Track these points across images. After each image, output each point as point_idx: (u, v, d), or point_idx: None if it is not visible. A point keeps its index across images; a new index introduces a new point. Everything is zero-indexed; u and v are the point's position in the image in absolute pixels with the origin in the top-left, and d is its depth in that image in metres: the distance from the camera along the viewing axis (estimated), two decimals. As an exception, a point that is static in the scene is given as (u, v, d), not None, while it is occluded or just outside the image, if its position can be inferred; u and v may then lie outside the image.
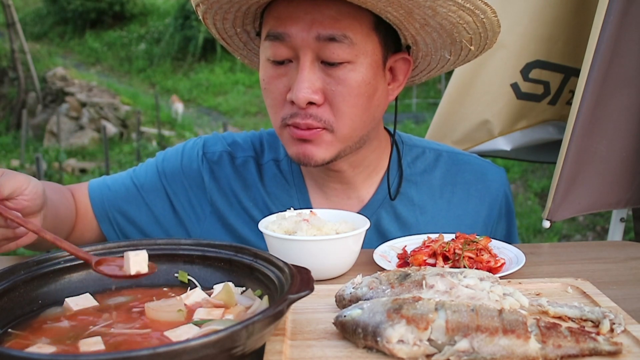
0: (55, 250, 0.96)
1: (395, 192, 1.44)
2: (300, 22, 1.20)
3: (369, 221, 1.20)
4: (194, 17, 14.68)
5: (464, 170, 1.49)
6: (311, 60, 1.22)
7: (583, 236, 5.80)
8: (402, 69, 1.34)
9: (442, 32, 1.23)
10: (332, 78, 1.23)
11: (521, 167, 7.85)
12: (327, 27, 1.19)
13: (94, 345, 0.77)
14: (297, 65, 1.23)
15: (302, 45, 1.21)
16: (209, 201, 1.46)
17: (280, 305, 0.74)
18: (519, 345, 0.75)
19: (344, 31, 1.20)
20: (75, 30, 17.40)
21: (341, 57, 1.21)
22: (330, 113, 1.25)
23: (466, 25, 1.20)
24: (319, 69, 1.23)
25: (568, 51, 1.98)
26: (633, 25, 1.59)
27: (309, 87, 1.21)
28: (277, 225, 1.18)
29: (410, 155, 1.49)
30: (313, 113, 1.24)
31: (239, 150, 1.50)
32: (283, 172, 1.47)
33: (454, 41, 1.26)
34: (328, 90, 1.23)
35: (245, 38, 1.41)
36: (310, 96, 1.21)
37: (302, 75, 1.21)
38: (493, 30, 1.24)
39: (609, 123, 1.65)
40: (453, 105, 2.09)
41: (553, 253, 1.36)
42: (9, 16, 12.29)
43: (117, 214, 1.46)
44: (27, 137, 11.73)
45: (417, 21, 1.21)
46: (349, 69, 1.22)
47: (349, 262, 1.18)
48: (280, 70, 1.26)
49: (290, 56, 1.24)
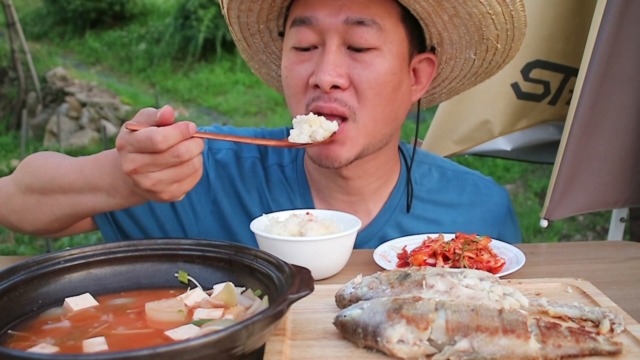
0: (55, 250, 0.96)
1: (407, 206, 1.42)
2: (329, 7, 1.21)
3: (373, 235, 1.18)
4: (194, 17, 14.66)
5: (468, 192, 1.49)
6: (337, 44, 1.21)
7: (583, 236, 5.80)
8: (425, 71, 1.33)
9: (470, 25, 1.22)
10: (358, 62, 1.21)
11: (521, 167, 7.84)
12: (355, 12, 1.20)
13: (97, 345, 0.77)
14: (323, 51, 1.22)
15: (329, 29, 1.21)
16: (211, 199, 1.42)
17: (280, 305, 0.74)
18: (519, 345, 0.76)
19: (373, 16, 1.20)
20: (75, 30, 17.39)
21: (369, 41, 1.20)
22: (355, 98, 1.23)
23: (495, 17, 1.19)
24: (345, 54, 1.22)
25: (568, 51, 1.97)
26: (631, 25, 1.59)
27: (334, 69, 1.20)
28: (281, 227, 1.17)
29: (418, 172, 1.48)
30: (338, 97, 1.21)
31: (244, 149, 1.46)
32: (288, 179, 1.44)
33: (481, 38, 1.24)
34: (354, 75, 1.22)
35: (267, 38, 1.39)
36: (335, 79, 1.20)
37: (328, 57, 1.20)
38: (519, 30, 1.23)
39: (607, 122, 1.65)
40: (453, 105, 2.08)
41: (553, 253, 1.36)
42: (9, 16, 12.28)
43: None
44: (27, 137, 11.73)
45: (447, 12, 1.20)
46: (376, 55, 1.22)
47: (342, 262, 1.19)
48: (304, 56, 1.25)
49: (316, 41, 1.23)
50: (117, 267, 0.98)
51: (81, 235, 6.13)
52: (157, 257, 0.99)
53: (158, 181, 0.98)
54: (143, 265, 0.98)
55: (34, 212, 1.20)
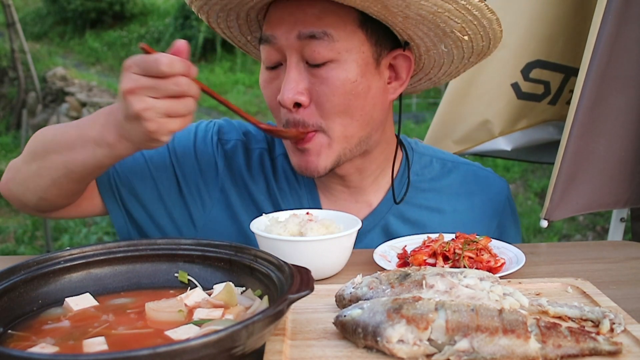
0: (55, 250, 0.96)
1: (401, 198, 1.44)
2: (285, 24, 1.22)
3: (376, 224, 1.19)
4: (194, 17, 14.66)
5: (469, 181, 1.51)
6: (296, 61, 1.23)
7: (583, 236, 5.80)
8: (403, 67, 1.32)
9: (426, 23, 1.20)
10: (316, 78, 1.23)
11: (521, 167, 7.84)
12: (307, 26, 1.20)
13: (97, 345, 0.77)
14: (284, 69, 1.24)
15: (286, 46, 1.22)
16: (219, 188, 1.43)
17: (280, 305, 0.74)
18: (519, 345, 0.76)
19: (324, 28, 1.20)
20: (75, 30, 17.39)
21: (323, 55, 1.21)
22: (318, 115, 1.25)
23: (448, 14, 1.17)
24: (305, 70, 1.23)
25: (568, 51, 1.98)
26: (631, 25, 1.59)
27: (294, 87, 1.22)
28: (281, 227, 1.18)
29: (419, 164, 1.49)
30: (300, 118, 1.24)
31: (252, 141, 1.48)
32: (294, 170, 1.45)
33: (445, 32, 1.23)
34: (313, 91, 1.23)
35: (251, 48, 1.44)
36: (295, 97, 1.22)
37: (288, 76, 1.22)
38: (486, 17, 1.19)
39: (607, 122, 1.65)
40: (453, 105, 2.09)
41: (553, 253, 1.36)
42: (9, 16, 12.28)
43: (121, 185, 1.39)
44: (27, 137, 11.71)
45: (396, 15, 1.19)
46: (332, 68, 1.22)
47: (342, 262, 1.19)
48: (272, 74, 1.28)
49: (280, 59, 1.25)
50: (117, 267, 0.98)
51: (81, 235, 6.14)
52: (157, 257, 0.99)
53: (151, 107, 0.99)
54: (143, 265, 0.99)
55: (34, 178, 1.21)
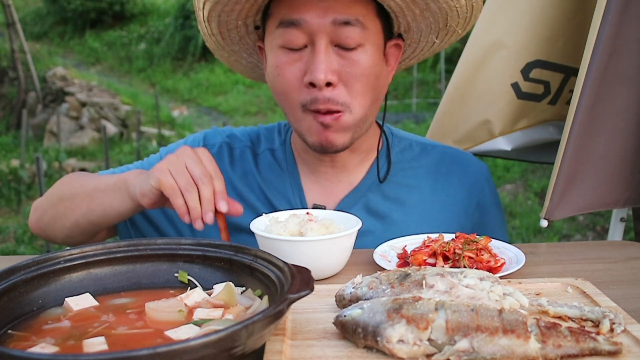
0: (55, 250, 0.96)
1: (384, 177, 1.52)
2: (315, 9, 1.28)
3: (357, 201, 1.33)
4: (194, 17, 14.67)
5: (447, 161, 1.59)
6: (326, 44, 1.30)
7: (583, 236, 5.80)
8: (394, 55, 1.45)
9: (438, 16, 1.34)
10: (346, 60, 1.31)
11: (521, 167, 7.84)
12: (341, 12, 1.28)
13: (97, 345, 0.77)
14: (313, 50, 1.31)
15: (318, 30, 1.29)
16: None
17: (280, 305, 0.74)
18: (519, 345, 0.76)
19: (356, 16, 1.29)
20: (75, 30, 17.40)
21: (355, 40, 1.30)
22: (347, 94, 1.32)
23: (459, 9, 1.33)
24: (334, 52, 1.31)
25: (568, 51, 1.97)
26: (631, 24, 1.58)
27: (327, 68, 1.29)
28: (281, 227, 1.17)
29: (399, 147, 1.58)
30: (330, 96, 1.31)
31: (236, 141, 1.58)
32: (278, 160, 1.55)
33: (444, 26, 1.38)
34: (343, 72, 1.31)
35: (243, 32, 1.44)
36: (328, 77, 1.29)
37: (320, 57, 1.29)
38: (475, 16, 1.37)
39: (607, 122, 1.65)
40: (453, 105, 2.09)
41: (553, 253, 1.36)
42: (9, 16, 12.28)
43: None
44: (27, 137, 11.73)
45: (419, 6, 1.31)
46: (361, 52, 1.31)
47: (342, 262, 1.19)
48: (294, 55, 1.33)
49: (306, 42, 1.31)
50: (117, 267, 0.98)
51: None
52: (157, 257, 0.99)
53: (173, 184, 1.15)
54: (143, 265, 0.99)
55: (61, 219, 1.36)
